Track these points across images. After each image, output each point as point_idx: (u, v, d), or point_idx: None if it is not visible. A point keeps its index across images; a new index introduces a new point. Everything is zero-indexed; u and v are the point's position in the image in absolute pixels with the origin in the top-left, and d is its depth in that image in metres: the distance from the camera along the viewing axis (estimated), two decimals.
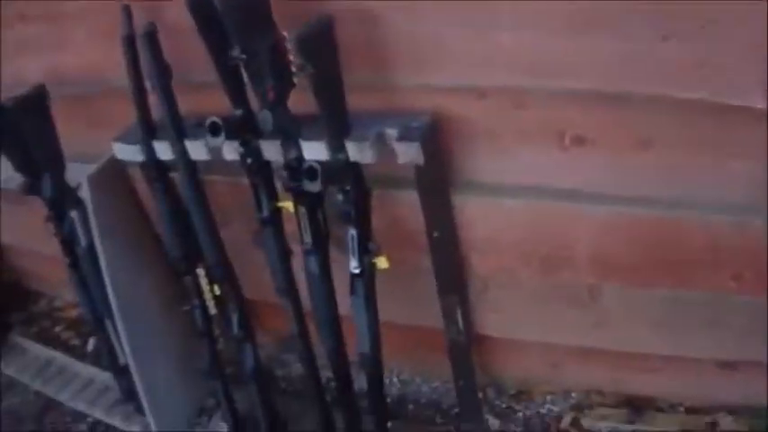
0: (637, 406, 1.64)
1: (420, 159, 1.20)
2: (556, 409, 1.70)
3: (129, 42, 1.31)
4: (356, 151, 1.21)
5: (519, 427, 1.69)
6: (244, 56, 1.15)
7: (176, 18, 1.29)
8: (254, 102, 1.27)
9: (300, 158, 1.25)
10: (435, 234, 1.35)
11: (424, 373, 1.82)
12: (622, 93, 1.19)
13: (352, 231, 1.28)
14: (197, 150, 1.35)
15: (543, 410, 1.71)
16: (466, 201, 1.38)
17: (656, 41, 1.10)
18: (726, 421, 1.56)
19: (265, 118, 1.20)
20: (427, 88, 1.27)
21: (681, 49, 1.10)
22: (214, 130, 1.23)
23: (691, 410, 1.60)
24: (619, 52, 1.14)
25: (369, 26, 1.22)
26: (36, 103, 1.47)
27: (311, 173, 1.18)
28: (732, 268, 1.31)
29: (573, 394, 1.70)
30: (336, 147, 1.21)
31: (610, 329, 1.48)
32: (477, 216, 1.39)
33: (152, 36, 1.28)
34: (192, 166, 1.37)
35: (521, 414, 1.71)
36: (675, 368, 1.54)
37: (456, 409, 1.75)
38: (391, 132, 1.22)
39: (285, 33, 1.16)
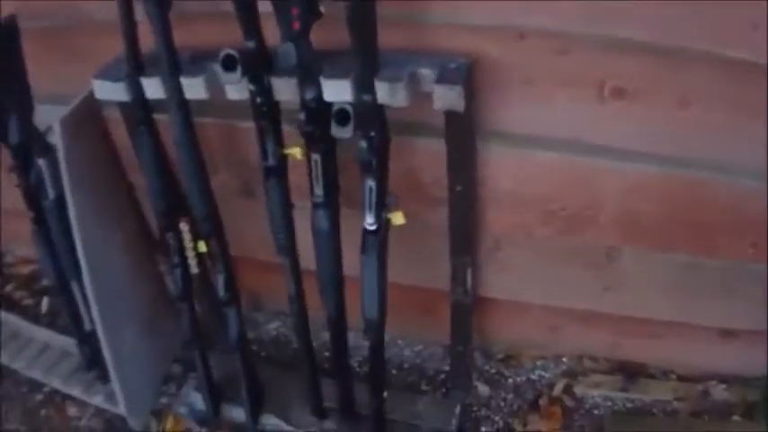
0: (629, 372, 1.57)
1: (460, 105, 1.07)
2: (547, 375, 1.62)
3: None
4: (387, 93, 1.06)
5: (509, 394, 1.60)
6: None
7: None
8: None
9: (320, 99, 1.10)
10: (458, 188, 1.22)
11: (407, 335, 1.70)
12: (668, 46, 1.09)
13: (371, 183, 1.13)
14: (193, 88, 1.17)
15: (534, 377, 1.63)
16: (493, 152, 1.25)
17: None
18: (717, 390, 1.52)
19: (288, 51, 1.04)
20: (462, 27, 1.12)
21: (735, 6, 1.02)
22: (229, 63, 1.06)
23: (683, 378, 1.55)
24: (671, 3, 1.04)
25: None
26: (5, 38, 1.26)
27: (342, 116, 1.03)
28: (752, 235, 1.26)
29: (564, 359, 1.62)
30: (365, 86, 1.07)
31: (621, 294, 1.41)
32: (503, 169, 1.27)
33: None
34: (185, 106, 1.20)
35: (510, 381, 1.63)
36: (676, 335, 1.48)
37: (442, 375, 1.64)
38: (427, 73, 1.08)
39: None
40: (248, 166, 1.31)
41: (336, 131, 1.05)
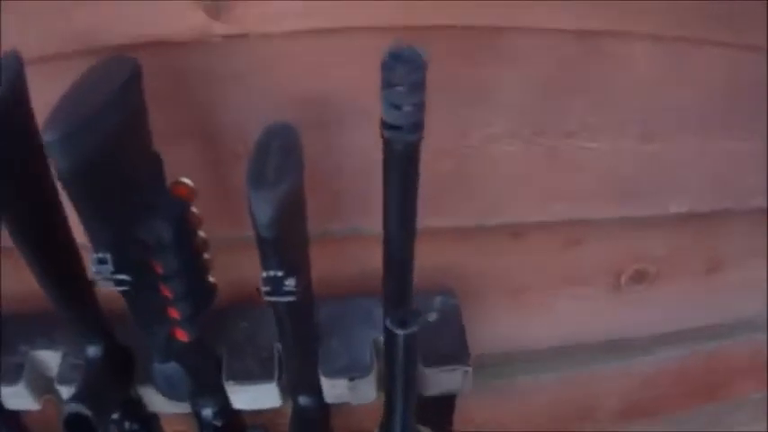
0: None
1: (465, 385, 0.60)
2: None
3: None
4: (345, 391, 0.57)
5: None
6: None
7: None
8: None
9: (226, 409, 0.59)
10: None
11: None
12: (708, 211, 0.71)
13: None
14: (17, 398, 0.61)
15: None
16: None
17: None
18: None
19: (171, 373, 0.52)
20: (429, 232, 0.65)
21: None
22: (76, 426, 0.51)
23: None
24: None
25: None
26: None
27: None
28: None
29: None
30: (304, 388, 0.57)
31: None
32: (481, 408, 0.81)
33: None
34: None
35: None
36: None
37: None
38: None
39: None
40: None
41: None
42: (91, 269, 0.42)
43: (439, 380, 0.59)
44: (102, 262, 0.42)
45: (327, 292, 0.59)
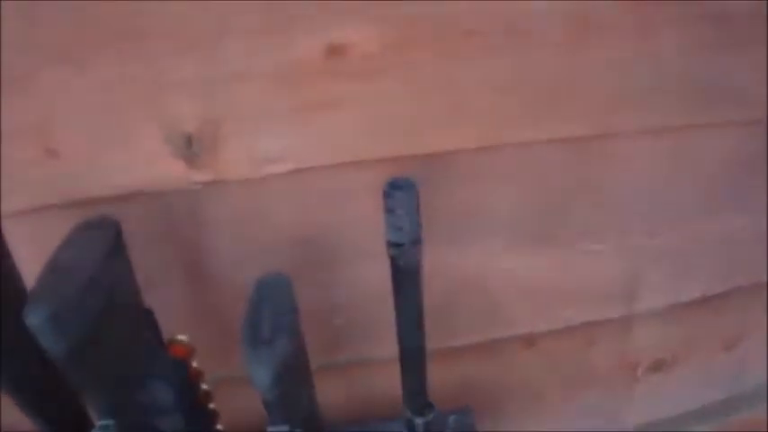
0: None
1: None
2: None
3: None
4: None
5: None
6: None
7: None
8: None
9: None
10: None
11: None
12: (721, 292, 0.68)
13: None
14: None
15: None
16: None
17: None
18: None
19: None
20: (442, 353, 0.62)
21: None
22: None
23: None
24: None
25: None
26: None
27: None
28: None
29: None
30: None
31: None
32: None
33: None
34: None
35: None
36: None
37: None
38: None
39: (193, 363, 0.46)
40: None
41: None
42: None
43: None
44: (105, 429, 0.39)
45: (336, 419, 0.56)
